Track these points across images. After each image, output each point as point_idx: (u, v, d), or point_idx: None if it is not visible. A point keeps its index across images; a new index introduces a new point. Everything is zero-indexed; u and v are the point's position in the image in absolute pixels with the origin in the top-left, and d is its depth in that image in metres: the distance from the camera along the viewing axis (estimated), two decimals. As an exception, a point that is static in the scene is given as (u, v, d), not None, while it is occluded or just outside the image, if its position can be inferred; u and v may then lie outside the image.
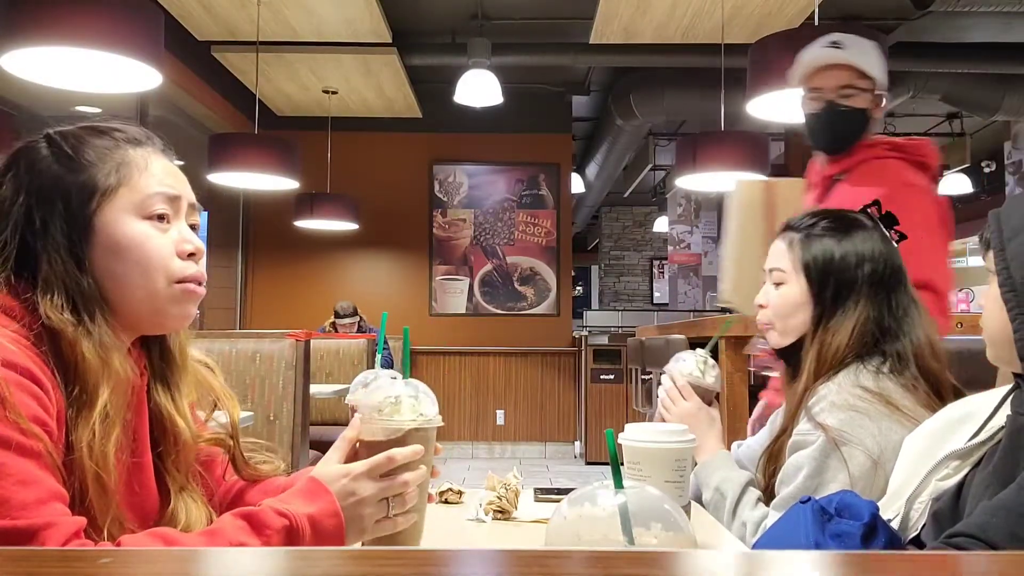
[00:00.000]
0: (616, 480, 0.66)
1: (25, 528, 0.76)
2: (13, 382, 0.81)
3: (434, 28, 5.74)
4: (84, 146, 0.95)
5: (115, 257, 0.93)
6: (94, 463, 0.86)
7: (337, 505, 0.91)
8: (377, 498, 0.93)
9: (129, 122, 1.01)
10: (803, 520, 0.96)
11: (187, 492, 1.02)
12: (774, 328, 1.44)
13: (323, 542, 0.91)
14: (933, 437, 1.11)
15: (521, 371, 7.02)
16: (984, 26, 5.53)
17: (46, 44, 2.42)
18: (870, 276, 1.35)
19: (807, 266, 1.38)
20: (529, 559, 0.58)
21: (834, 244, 1.37)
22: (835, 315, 1.35)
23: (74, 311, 0.89)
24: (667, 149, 8.50)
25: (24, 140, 0.98)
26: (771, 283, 1.45)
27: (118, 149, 0.96)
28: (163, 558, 0.66)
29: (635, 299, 12.25)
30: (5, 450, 0.78)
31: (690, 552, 0.62)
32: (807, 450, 1.29)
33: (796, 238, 1.41)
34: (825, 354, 1.35)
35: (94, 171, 0.94)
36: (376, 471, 0.93)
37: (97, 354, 0.89)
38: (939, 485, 1.03)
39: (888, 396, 1.28)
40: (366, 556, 0.63)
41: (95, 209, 0.93)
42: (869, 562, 0.52)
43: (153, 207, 0.95)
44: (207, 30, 5.06)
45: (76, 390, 0.87)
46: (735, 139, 4.28)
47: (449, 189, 7.10)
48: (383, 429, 0.95)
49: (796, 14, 4.63)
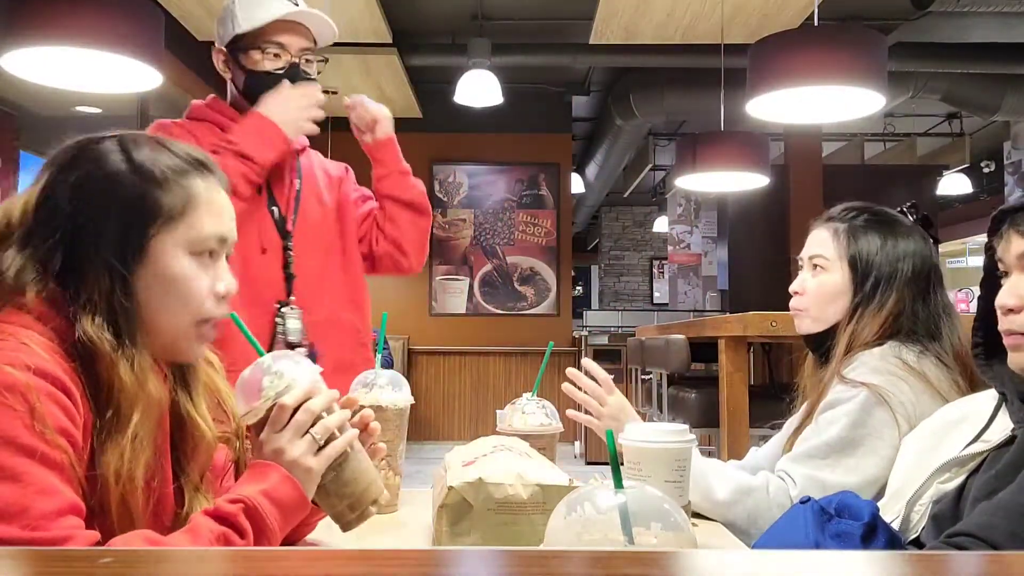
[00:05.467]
0: (616, 480, 0.66)
1: (43, 539, 0.76)
2: (44, 391, 0.80)
3: (434, 28, 5.74)
4: (157, 162, 0.92)
5: (159, 286, 0.92)
6: (120, 487, 0.85)
7: (284, 471, 0.92)
8: (296, 437, 0.93)
9: (193, 148, 0.99)
10: (803, 520, 0.96)
11: (200, 492, 1.01)
12: (808, 314, 1.46)
13: (290, 508, 0.91)
14: (932, 438, 1.12)
15: (521, 371, 7.02)
16: (984, 26, 5.53)
17: (46, 44, 2.41)
18: (910, 272, 1.39)
19: (853, 257, 1.41)
20: (529, 559, 0.58)
21: (880, 238, 1.41)
22: (870, 306, 1.39)
23: (115, 333, 0.88)
24: (667, 149, 8.50)
25: (90, 136, 0.94)
26: (808, 270, 1.47)
27: (187, 175, 0.94)
28: (167, 559, 0.66)
29: (635, 299, 12.24)
30: (29, 459, 0.78)
31: (690, 552, 0.62)
32: (844, 405, 1.30)
33: (841, 228, 1.44)
34: (855, 342, 1.38)
35: (162, 194, 0.91)
36: (278, 424, 0.93)
37: (135, 378, 0.88)
38: (940, 488, 1.03)
39: (926, 375, 1.30)
40: (366, 556, 0.63)
41: (154, 234, 0.91)
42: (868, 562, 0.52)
43: (205, 246, 0.94)
44: (207, 30, 5.06)
45: (109, 412, 0.86)
46: (735, 139, 4.27)
47: (449, 189, 7.10)
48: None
49: (796, 14, 4.63)
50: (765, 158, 4.28)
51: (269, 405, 0.94)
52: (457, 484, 0.98)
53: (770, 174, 4.37)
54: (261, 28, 1.68)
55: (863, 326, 1.38)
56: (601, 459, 6.60)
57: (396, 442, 1.29)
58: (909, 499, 1.06)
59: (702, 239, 9.19)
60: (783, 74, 2.77)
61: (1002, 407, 1.04)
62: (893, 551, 0.93)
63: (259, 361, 0.97)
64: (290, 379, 0.95)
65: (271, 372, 0.96)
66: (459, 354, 7.01)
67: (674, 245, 9.34)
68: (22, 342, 0.83)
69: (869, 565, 0.57)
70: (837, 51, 2.73)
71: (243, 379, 0.97)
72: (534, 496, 0.97)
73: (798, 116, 3.28)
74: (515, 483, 0.97)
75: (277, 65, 1.72)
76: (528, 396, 1.32)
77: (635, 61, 5.83)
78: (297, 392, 0.95)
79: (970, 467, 1.02)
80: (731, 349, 2.95)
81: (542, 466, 1.05)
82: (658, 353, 3.77)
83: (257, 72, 1.72)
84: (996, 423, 1.03)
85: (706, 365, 4.20)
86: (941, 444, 1.09)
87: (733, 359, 2.94)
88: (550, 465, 1.08)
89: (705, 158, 4.23)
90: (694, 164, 4.29)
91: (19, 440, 0.78)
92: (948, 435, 1.09)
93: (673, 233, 9.34)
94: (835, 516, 0.96)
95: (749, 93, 2.94)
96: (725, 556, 0.73)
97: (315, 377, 0.98)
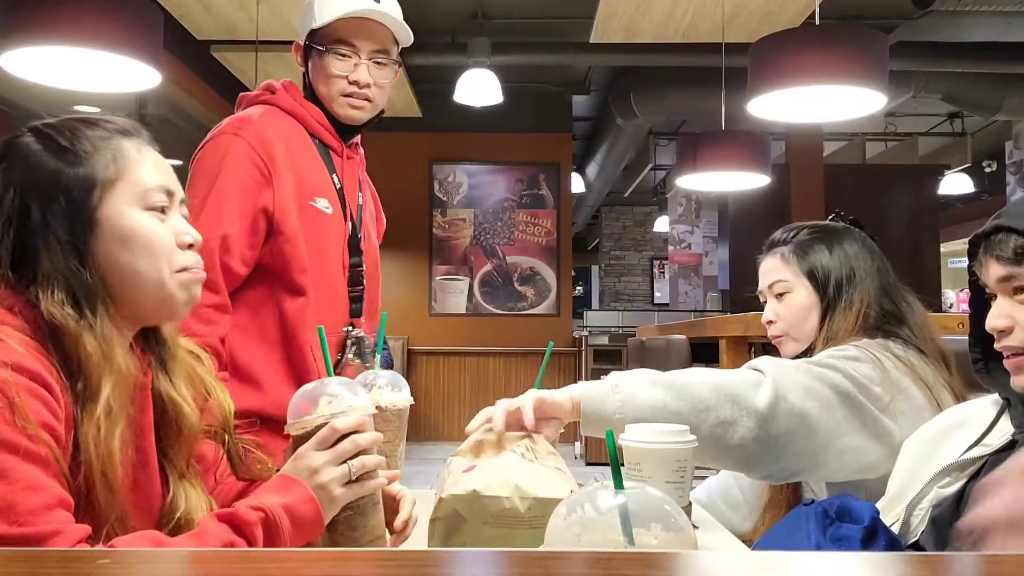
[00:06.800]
0: (616, 480, 0.66)
1: (33, 535, 0.76)
2: (23, 387, 0.81)
3: (434, 28, 5.74)
4: (78, 138, 0.95)
5: (122, 248, 0.93)
6: (99, 460, 0.86)
7: (309, 491, 0.92)
8: (333, 463, 0.93)
9: (115, 113, 1.01)
10: (806, 522, 0.96)
11: (187, 479, 1.01)
12: (790, 338, 1.50)
13: (305, 528, 0.91)
14: (932, 442, 1.12)
15: (521, 371, 7.02)
16: (985, 26, 5.53)
17: (46, 44, 2.41)
18: (864, 267, 1.45)
19: (810, 269, 1.47)
20: (529, 560, 0.58)
21: (825, 246, 1.48)
22: (839, 307, 1.44)
23: (75, 306, 0.89)
24: (667, 149, 8.50)
25: (9, 135, 0.96)
26: (772, 298, 1.52)
27: (111, 139, 0.96)
28: (166, 559, 0.66)
29: (635, 299, 12.24)
30: (13, 455, 0.78)
31: (690, 553, 0.62)
32: (828, 350, 1.35)
33: (787, 250, 1.50)
34: (832, 340, 1.42)
35: (92, 163, 0.94)
36: (323, 444, 0.94)
37: (99, 348, 0.88)
38: (940, 492, 1.03)
39: (912, 366, 1.34)
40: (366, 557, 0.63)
41: (98, 202, 0.93)
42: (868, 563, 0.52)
43: (154, 199, 0.96)
44: (206, 29, 5.06)
45: (80, 385, 0.87)
46: (736, 139, 4.27)
47: (449, 189, 7.09)
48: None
49: (797, 13, 4.62)
50: (766, 158, 4.27)
51: (321, 422, 0.95)
52: (448, 496, 0.95)
53: (771, 174, 4.37)
54: (331, 24, 1.59)
55: (837, 325, 1.43)
56: (601, 460, 6.60)
57: (396, 443, 1.28)
58: (909, 503, 1.06)
59: (703, 239, 9.18)
60: (784, 73, 2.77)
61: (1004, 412, 1.04)
62: (893, 552, 0.92)
63: (325, 380, 0.99)
64: (347, 405, 0.96)
65: (330, 393, 0.97)
66: (459, 354, 7.00)
67: (675, 245, 9.33)
68: None
69: (868, 566, 0.57)
70: (838, 50, 2.73)
71: (303, 392, 0.98)
72: (531, 509, 0.94)
73: (799, 115, 3.28)
74: (512, 495, 0.94)
75: (346, 67, 1.60)
76: None
77: (635, 60, 5.82)
78: (351, 420, 0.95)
79: (970, 471, 1.02)
80: (732, 349, 2.95)
81: (544, 473, 1.01)
82: (659, 353, 3.77)
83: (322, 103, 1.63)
84: (997, 428, 1.03)
85: (707, 365, 4.20)
86: (941, 448, 1.09)
87: (734, 359, 2.94)
88: (555, 468, 1.05)
89: (706, 158, 4.23)
90: (695, 164, 4.29)
91: (1, 437, 0.78)
92: (948, 439, 1.09)
93: (674, 233, 9.34)
94: (836, 520, 0.95)
95: (750, 92, 2.94)
96: (725, 557, 0.73)
97: (368, 413, 0.98)
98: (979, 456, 1.02)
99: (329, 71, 1.62)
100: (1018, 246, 0.94)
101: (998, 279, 0.97)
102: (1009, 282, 0.96)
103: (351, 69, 1.61)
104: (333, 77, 1.62)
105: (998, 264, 0.96)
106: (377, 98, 1.64)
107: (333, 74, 1.62)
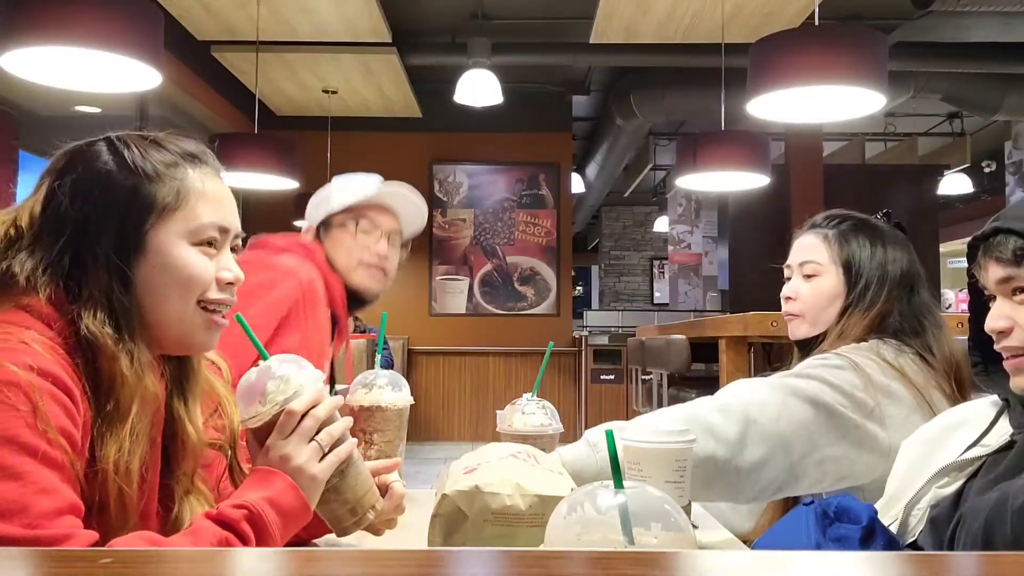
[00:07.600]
0: (616, 480, 0.66)
1: (43, 538, 0.77)
2: (46, 391, 0.81)
3: (434, 28, 5.74)
4: (147, 158, 0.94)
5: (159, 277, 0.93)
6: (119, 479, 0.87)
7: (289, 479, 0.92)
8: (303, 444, 0.93)
9: (187, 136, 1.01)
10: (805, 522, 0.96)
11: (192, 495, 1.02)
12: (804, 320, 1.49)
13: (292, 517, 0.92)
14: (930, 444, 1.12)
15: (521, 371, 7.02)
16: (984, 26, 5.53)
17: (46, 44, 2.41)
18: (898, 275, 1.43)
19: (847, 260, 1.45)
20: (529, 559, 0.58)
21: (869, 242, 1.45)
22: (860, 307, 1.42)
23: (115, 327, 0.90)
24: (667, 149, 8.49)
25: (83, 140, 0.96)
26: (800, 277, 1.49)
27: (178, 167, 0.96)
28: (168, 559, 0.66)
29: (635, 299, 12.24)
30: (31, 458, 0.79)
31: (690, 552, 0.62)
32: (810, 360, 1.34)
33: (831, 234, 1.47)
34: (842, 340, 1.41)
35: (154, 188, 0.93)
36: (286, 430, 0.94)
37: (135, 372, 0.89)
38: (938, 492, 1.03)
39: (903, 370, 1.32)
40: (366, 557, 0.63)
41: (150, 227, 0.93)
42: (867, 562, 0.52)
43: (205, 235, 0.96)
44: (207, 30, 5.06)
45: (109, 406, 0.88)
46: (735, 139, 4.27)
47: (449, 189, 7.09)
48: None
49: (796, 14, 4.63)
50: (766, 158, 4.27)
51: (277, 411, 0.94)
52: (451, 492, 0.95)
53: (771, 174, 4.36)
54: (356, 205, 1.77)
55: (851, 325, 1.41)
56: (601, 459, 6.59)
57: (396, 442, 1.29)
58: (907, 503, 1.06)
59: (703, 239, 9.19)
60: (784, 74, 2.77)
61: (1004, 413, 1.04)
62: (891, 552, 0.93)
63: (264, 364, 0.97)
64: (297, 385, 0.95)
65: (276, 376, 0.95)
66: (459, 354, 7.00)
67: (674, 245, 9.34)
68: (22, 341, 0.84)
69: (867, 565, 0.57)
70: (838, 51, 2.73)
71: (247, 381, 0.96)
72: (532, 507, 0.94)
73: (799, 116, 3.28)
74: (513, 493, 0.94)
75: (372, 239, 1.80)
76: (528, 396, 1.32)
77: (635, 61, 5.83)
78: (305, 398, 0.95)
79: (968, 471, 1.02)
80: (732, 349, 2.95)
81: (545, 474, 1.01)
82: (659, 353, 3.77)
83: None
84: (996, 428, 1.04)
85: (707, 365, 4.20)
86: (939, 449, 1.09)
87: (734, 359, 2.94)
88: (558, 470, 1.05)
89: (706, 158, 4.23)
90: (695, 164, 4.28)
91: (21, 439, 0.79)
92: (946, 440, 1.09)
93: (673, 233, 9.34)
94: (835, 520, 0.96)
95: (749, 93, 2.94)
96: (725, 557, 0.73)
97: (319, 383, 0.98)
98: (977, 456, 1.02)
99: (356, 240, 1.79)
100: (1017, 247, 0.94)
101: (997, 280, 0.97)
102: (1008, 283, 0.96)
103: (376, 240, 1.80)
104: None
105: (997, 265, 0.97)
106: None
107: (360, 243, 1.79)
